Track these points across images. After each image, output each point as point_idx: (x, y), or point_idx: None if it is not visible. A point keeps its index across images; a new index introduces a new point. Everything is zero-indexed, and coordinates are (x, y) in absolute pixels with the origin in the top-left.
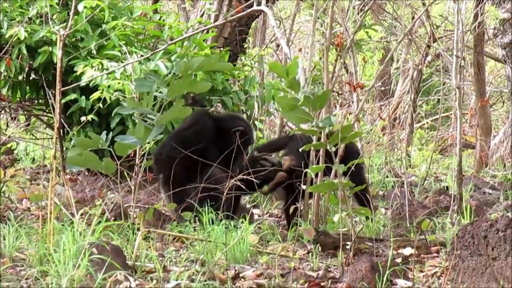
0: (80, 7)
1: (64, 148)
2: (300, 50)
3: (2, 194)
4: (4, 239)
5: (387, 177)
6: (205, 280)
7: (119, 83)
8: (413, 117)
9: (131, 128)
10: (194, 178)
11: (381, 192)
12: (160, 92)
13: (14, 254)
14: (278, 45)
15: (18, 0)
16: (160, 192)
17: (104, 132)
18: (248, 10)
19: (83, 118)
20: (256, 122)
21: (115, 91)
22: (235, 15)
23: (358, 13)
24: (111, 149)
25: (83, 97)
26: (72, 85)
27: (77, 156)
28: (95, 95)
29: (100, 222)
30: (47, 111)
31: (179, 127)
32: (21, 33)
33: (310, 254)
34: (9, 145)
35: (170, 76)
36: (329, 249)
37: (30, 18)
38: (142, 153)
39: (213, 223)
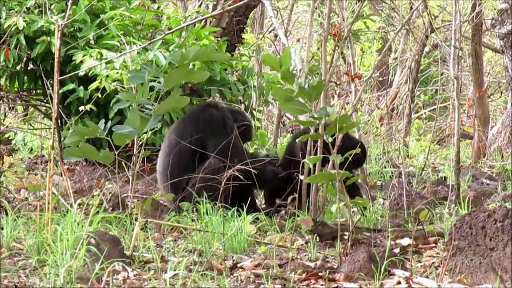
0: None
1: (62, 138)
2: (298, 40)
3: (0, 184)
4: (2, 229)
5: (385, 167)
6: (203, 270)
7: (117, 73)
8: (411, 108)
9: (128, 118)
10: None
11: (379, 183)
12: (159, 82)
13: (12, 244)
14: (276, 35)
15: None
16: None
17: (102, 121)
18: (246, 0)
19: (81, 108)
20: (254, 112)
21: (114, 81)
22: (233, 5)
23: (356, 3)
24: (109, 139)
25: (81, 87)
26: (70, 74)
27: (75, 146)
28: (94, 85)
29: (98, 212)
30: (45, 101)
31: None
32: (19, 23)
33: (308, 244)
34: (7, 135)
35: (166, 65)
36: (327, 239)
37: (28, 8)
38: (140, 143)
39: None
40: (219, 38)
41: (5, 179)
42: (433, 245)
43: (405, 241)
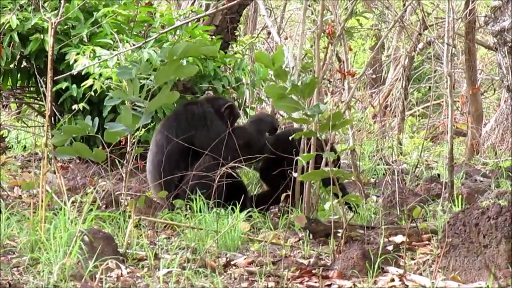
0: None
1: None
2: (287, 38)
3: None
4: None
5: (378, 164)
6: (196, 268)
7: (110, 71)
8: (404, 105)
9: (120, 116)
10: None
11: (372, 180)
12: (150, 80)
13: (5, 242)
14: (269, 33)
15: None
16: None
17: (89, 117)
18: None
19: (74, 106)
20: (247, 110)
21: (107, 79)
22: (227, 3)
23: (349, 0)
24: (101, 136)
25: (74, 85)
26: (65, 75)
27: (66, 144)
28: (86, 83)
29: (91, 210)
30: (38, 99)
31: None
32: (12, 21)
33: (301, 241)
34: (0, 133)
35: (157, 62)
36: (320, 236)
37: (21, 6)
38: (133, 140)
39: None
40: (213, 36)
41: None
42: (427, 242)
43: (399, 239)
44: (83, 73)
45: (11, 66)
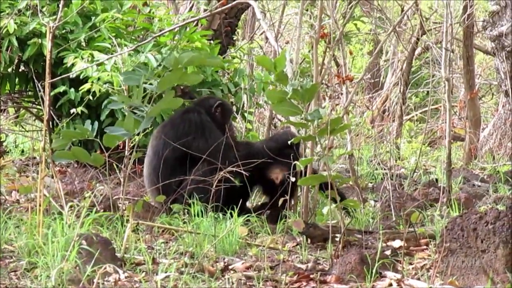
0: None
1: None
2: (288, 42)
3: None
4: None
5: (376, 169)
6: (194, 272)
7: (108, 75)
8: (403, 109)
9: (119, 120)
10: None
11: (370, 185)
12: (151, 84)
13: (3, 246)
14: (267, 38)
15: None
16: None
17: (88, 122)
18: (234, 3)
19: (72, 110)
20: (245, 114)
21: (105, 83)
22: (220, 7)
23: (347, 5)
24: (100, 141)
25: (72, 89)
26: (62, 76)
27: (62, 149)
28: (85, 87)
29: (89, 214)
30: (36, 103)
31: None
32: (10, 25)
33: (299, 246)
34: None
35: (160, 68)
36: (318, 241)
37: (19, 10)
38: (132, 145)
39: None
40: (211, 41)
41: None
42: (425, 247)
43: (397, 243)
44: (81, 77)
45: (9, 70)
